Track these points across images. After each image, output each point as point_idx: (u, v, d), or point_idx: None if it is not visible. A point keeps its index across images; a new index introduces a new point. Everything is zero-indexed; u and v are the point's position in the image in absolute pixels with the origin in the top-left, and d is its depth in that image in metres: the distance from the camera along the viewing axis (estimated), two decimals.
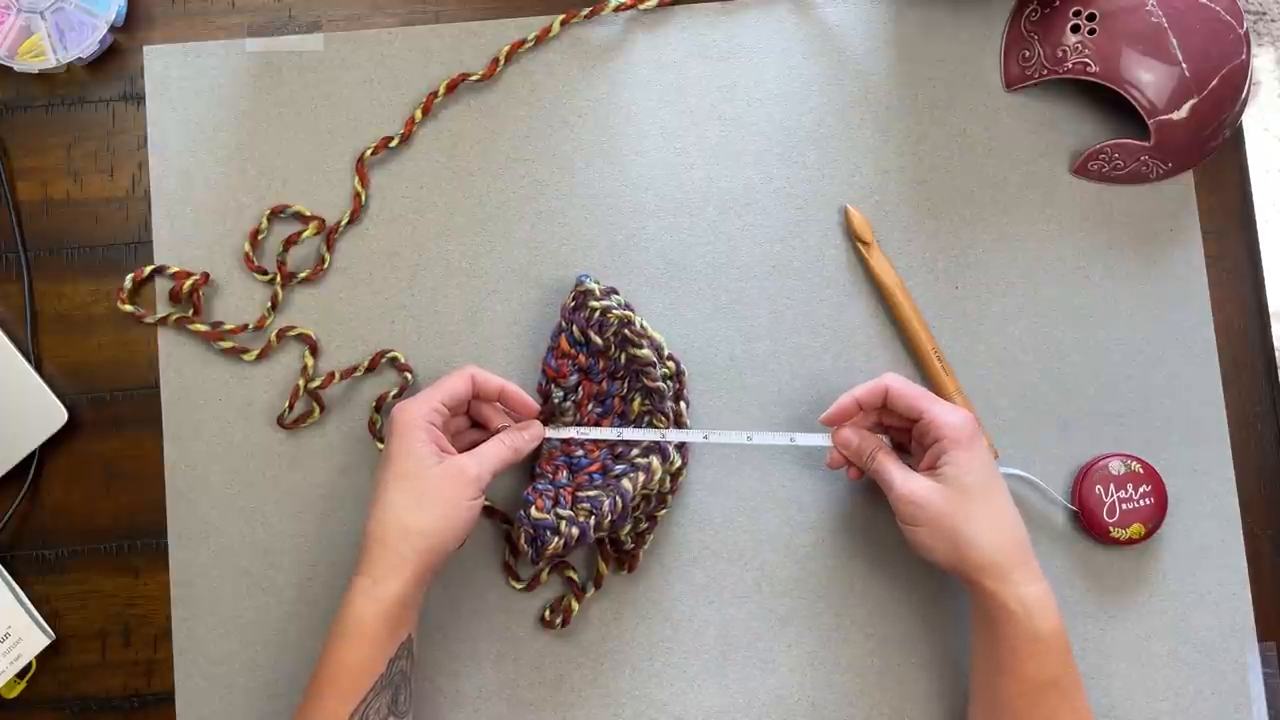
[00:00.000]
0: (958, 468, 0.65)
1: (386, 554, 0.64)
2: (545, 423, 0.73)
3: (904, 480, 0.66)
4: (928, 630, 0.74)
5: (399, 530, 0.64)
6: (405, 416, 0.66)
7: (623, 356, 0.73)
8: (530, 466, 0.74)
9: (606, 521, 0.68)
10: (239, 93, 0.78)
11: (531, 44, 0.78)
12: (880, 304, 0.77)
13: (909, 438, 0.71)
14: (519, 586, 0.74)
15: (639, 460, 0.71)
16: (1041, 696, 0.63)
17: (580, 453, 0.73)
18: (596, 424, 0.74)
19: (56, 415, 0.75)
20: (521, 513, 0.69)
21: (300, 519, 0.75)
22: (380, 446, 0.75)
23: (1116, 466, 0.74)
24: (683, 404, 0.74)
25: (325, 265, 0.77)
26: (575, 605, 0.73)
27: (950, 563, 0.65)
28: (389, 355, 0.76)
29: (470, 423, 0.73)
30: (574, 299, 0.73)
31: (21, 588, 0.75)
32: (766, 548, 0.75)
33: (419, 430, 0.66)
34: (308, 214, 0.77)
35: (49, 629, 0.74)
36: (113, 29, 0.77)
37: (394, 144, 0.77)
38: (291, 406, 0.75)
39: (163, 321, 0.76)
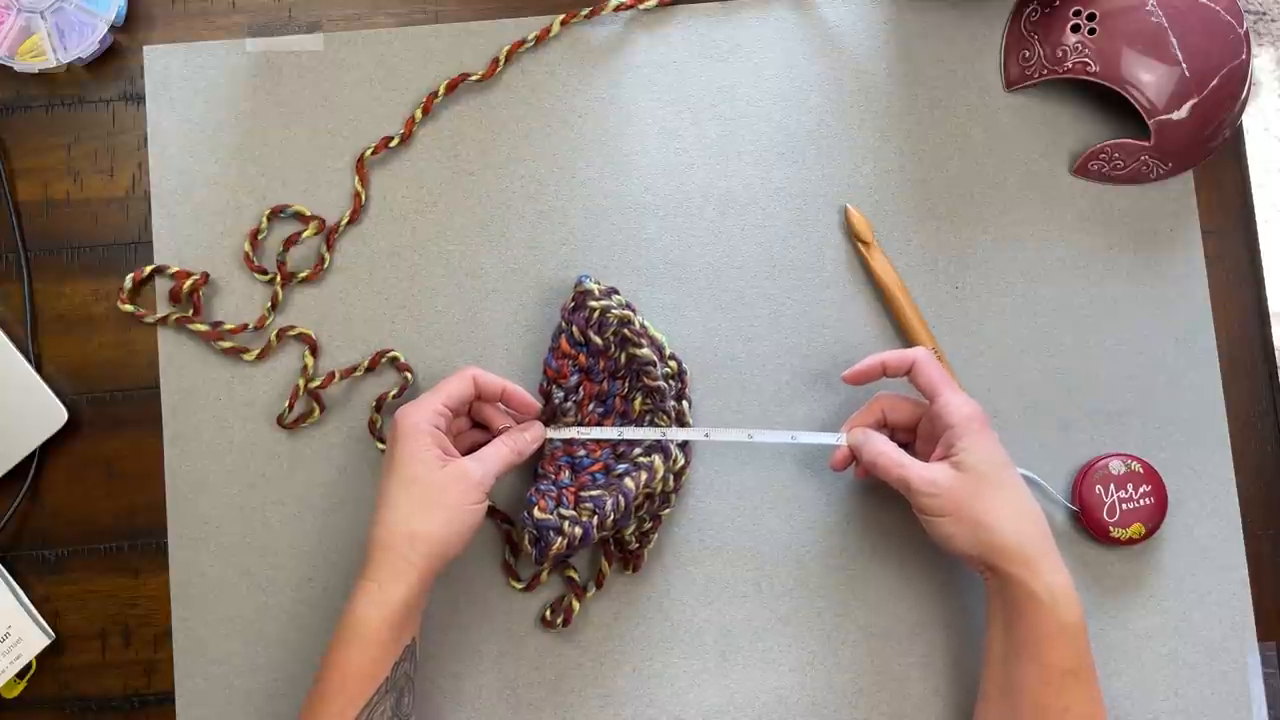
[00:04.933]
0: (972, 454, 0.65)
1: (393, 559, 0.64)
2: (547, 423, 0.73)
3: (921, 469, 0.66)
4: (928, 630, 0.74)
5: (405, 536, 0.64)
6: (408, 421, 0.66)
7: (623, 356, 0.73)
8: (532, 467, 0.74)
9: (609, 521, 0.68)
10: (239, 93, 0.78)
11: (531, 44, 0.78)
12: (880, 304, 0.77)
13: (913, 436, 0.71)
14: (519, 586, 0.74)
15: (641, 459, 0.71)
16: (1062, 684, 0.63)
17: (582, 453, 0.73)
18: (598, 424, 0.74)
19: (56, 415, 0.75)
20: (525, 514, 0.69)
21: (300, 519, 0.75)
22: (381, 447, 0.75)
23: (1116, 466, 0.74)
24: (685, 403, 0.74)
25: (325, 265, 0.77)
26: (576, 605, 0.73)
27: (975, 551, 0.65)
28: (389, 355, 0.76)
29: (471, 423, 0.73)
30: (574, 299, 0.73)
31: (21, 588, 0.75)
32: (766, 548, 0.75)
33: (423, 435, 0.66)
34: (308, 214, 0.77)
35: (49, 629, 0.74)
36: (113, 29, 0.77)
37: (394, 144, 0.77)
38: (291, 406, 0.75)
39: (163, 321, 0.76)
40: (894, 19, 0.80)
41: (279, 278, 0.76)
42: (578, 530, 0.68)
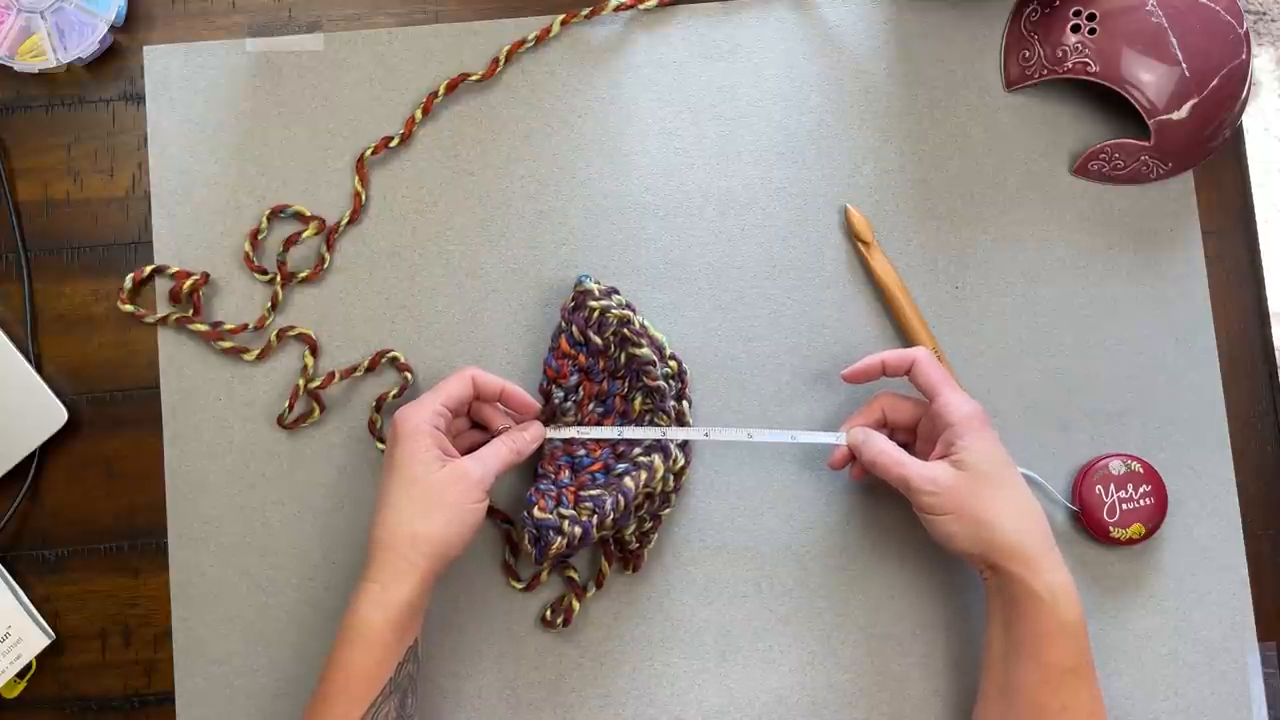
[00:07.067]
0: (973, 453, 0.65)
1: (395, 560, 0.64)
2: (547, 423, 0.73)
3: (921, 467, 0.66)
4: (927, 630, 0.74)
5: (407, 536, 0.64)
6: (408, 423, 0.66)
7: (623, 356, 0.73)
8: (532, 467, 0.74)
9: (609, 520, 0.68)
10: (239, 93, 0.78)
11: (531, 44, 0.78)
12: (880, 304, 0.77)
13: (913, 436, 0.71)
14: (519, 586, 0.74)
15: (641, 459, 0.71)
16: (1062, 683, 0.63)
17: (582, 452, 0.73)
18: (598, 424, 0.74)
19: (56, 415, 0.75)
20: (525, 513, 0.69)
21: (300, 519, 0.75)
22: (381, 447, 0.75)
23: (1116, 466, 0.74)
24: (685, 403, 0.74)
25: (325, 265, 0.77)
26: (576, 605, 0.73)
27: (975, 549, 0.65)
28: (389, 355, 0.76)
29: (470, 423, 0.73)
30: (573, 299, 0.73)
31: (21, 588, 0.75)
32: (766, 548, 0.75)
33: (423, 435, 0.66)
34: (308, 214, 0.77)
35: (49, 629, 0.74)
36: (113, 29, 0.77)
37: (394, 144, 0.77)
38: (291, 406, 0.75)
39: (163, 321, 0.76)
40: (894, 19, 0.80)
41: (279, 278, 0.76)
42: (577, 530, 0.68)
